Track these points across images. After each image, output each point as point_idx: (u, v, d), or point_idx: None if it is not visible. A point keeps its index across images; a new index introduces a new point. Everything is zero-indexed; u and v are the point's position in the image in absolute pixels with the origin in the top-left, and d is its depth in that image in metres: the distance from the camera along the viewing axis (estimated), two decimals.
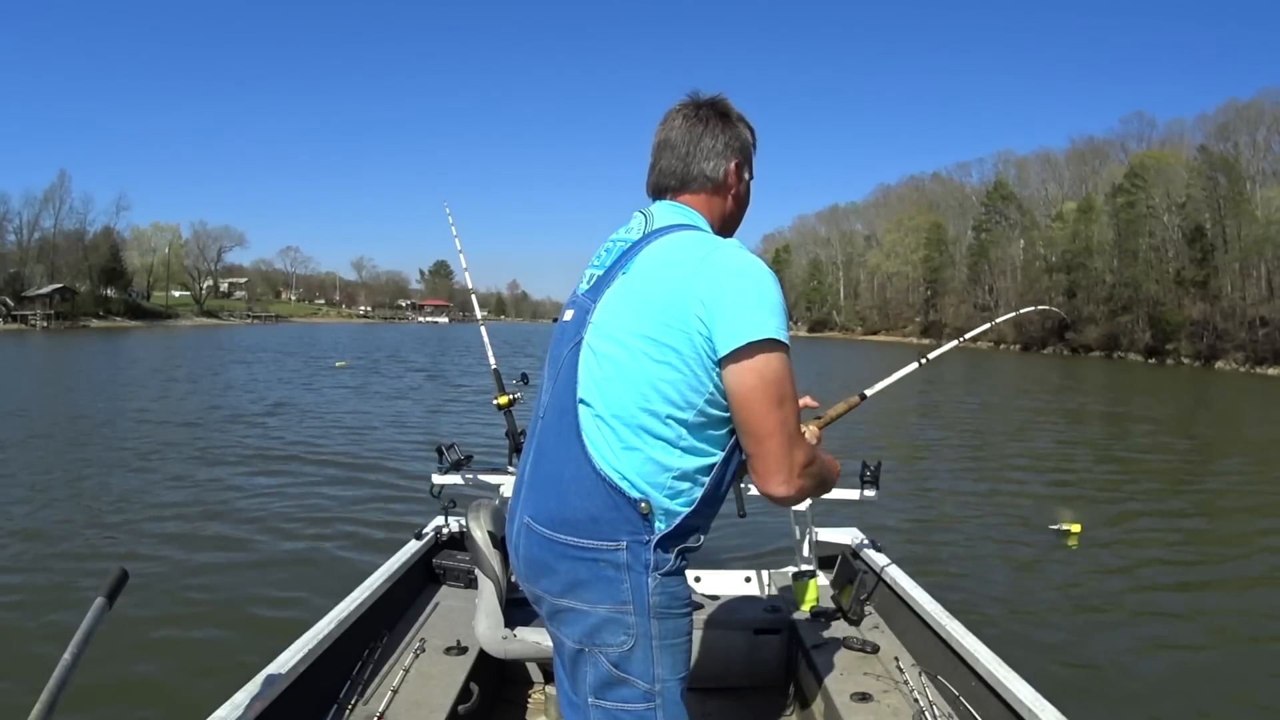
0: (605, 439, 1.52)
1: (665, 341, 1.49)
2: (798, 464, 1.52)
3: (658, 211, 1.68)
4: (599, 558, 1.52)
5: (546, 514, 1.57)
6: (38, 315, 71.05)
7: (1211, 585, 6.84)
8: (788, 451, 1.51)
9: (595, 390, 1.53)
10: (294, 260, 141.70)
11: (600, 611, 1.53)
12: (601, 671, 1.55)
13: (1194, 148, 62.88)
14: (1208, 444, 16.57)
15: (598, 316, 1.57)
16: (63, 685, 1.33)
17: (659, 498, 1.52)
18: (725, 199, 1.71)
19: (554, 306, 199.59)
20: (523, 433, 3.62)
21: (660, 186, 1.71)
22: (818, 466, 1.59)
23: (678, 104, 1.72)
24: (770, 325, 1.47)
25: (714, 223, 1.70)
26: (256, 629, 5.02)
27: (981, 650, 2.56)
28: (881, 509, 6.61)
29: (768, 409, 1.49)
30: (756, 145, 1.77)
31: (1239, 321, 53.95)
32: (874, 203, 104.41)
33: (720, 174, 1.68)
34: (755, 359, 1.47)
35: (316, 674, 2.40)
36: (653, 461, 1.51)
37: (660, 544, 1.53)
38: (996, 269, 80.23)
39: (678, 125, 1.69)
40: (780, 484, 1.52)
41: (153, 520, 7.58)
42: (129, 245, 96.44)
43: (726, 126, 1.69)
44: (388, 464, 10.67)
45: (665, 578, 1.54)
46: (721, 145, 1.68)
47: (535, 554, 1.59)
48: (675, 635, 1.57)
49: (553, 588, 1.58)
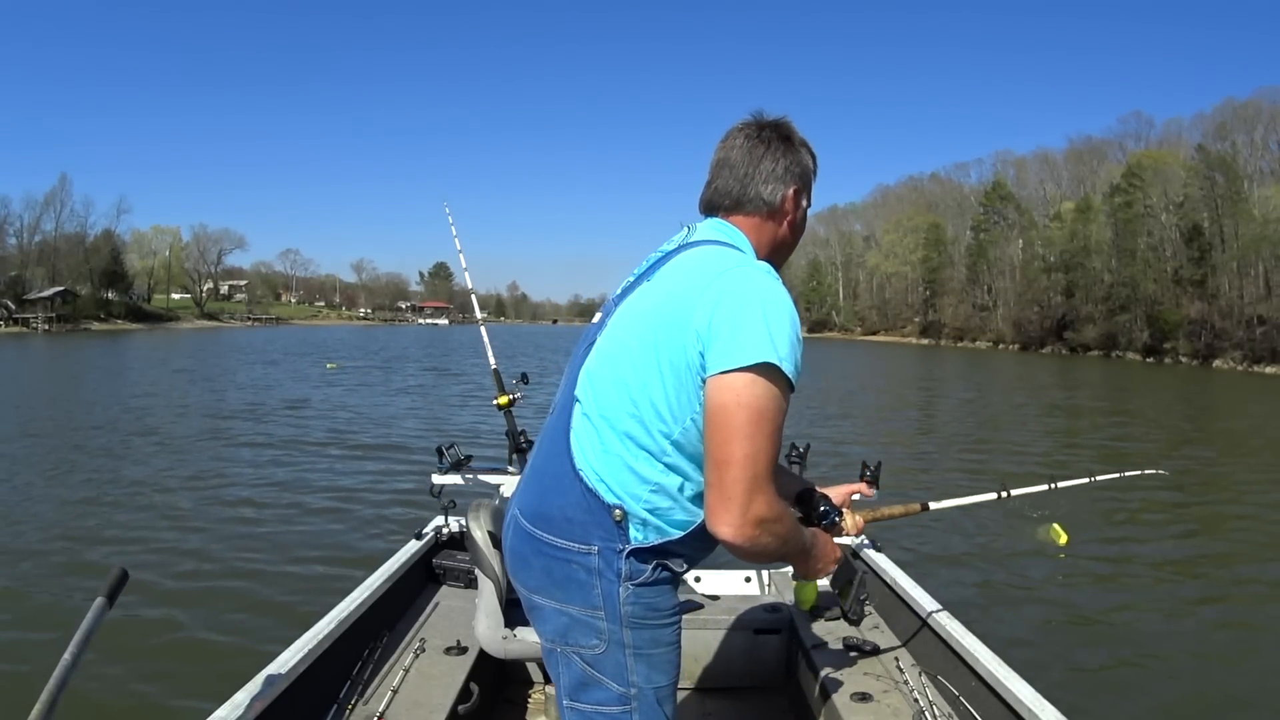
0: (590, 439, 1.50)
1: (661, 352, 1.45)
2: (755, 511, 1.38)
3: (701, 227, 1.64)
4: (571, 559, 1.49)
5: (530, 508, 1.57)
6: (39, 318, 71.15)
7: (1211, 585, 6.84)
8: (746, 491, 1.37)
9: (590, 389, 1.53)
10: (294, 263, 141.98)
11: (572, 612, 1.51)
12: (575, 672, 1.53)
13: (1192, 147, 63.00)
14: (1208, 442, 16.58)
15: (613, 320, 1.58)
16: (63, 685, 1.33)
17: (635, 508, 1.47)
18: (780, 225, 1.65)
19: (553, 308, 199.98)
20: (523, 432, 3.65)
21: (713, 204, 1.66)
22: (784, 529, 1.46)
23: (740, 123, 1.65)
24: (767, 351, 1.37)
25: (761, 247, 1.63)
26: (256, 629, 5.03)
27: (981, 650, 2.55)
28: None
29: (736, 433, 1.37)
30: (817, 173, 1.70)
31: (1236, 320, 53.94)
32: (873, 203, 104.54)
33: (777, 199, 1.62)
34: (739, 379, 1.37)
35: (316, 674, 2.39)
36: (632, 471, 1.46)
37: (635, 555, 1.48)
38: (995, 269, 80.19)
39: (738, 145, 1.62)
40: (727, 525, 1.39)
41: (153, 521, 7.59)
42: (129, 248, 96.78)
43: (788, 150, 1.62)
44: (388, 464, 10.68)
45: (640, 588, 1.49)
46: (781, 169, 1.61)
47: (516, 546, 1.59)
48: (653, 645, 1.52)
49: (528, 582, 1.57)
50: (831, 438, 13.95)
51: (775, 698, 3.20)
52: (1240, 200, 57.79)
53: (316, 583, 5.81)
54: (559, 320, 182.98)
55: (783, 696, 3.19)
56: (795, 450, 3.18)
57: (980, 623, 2.99)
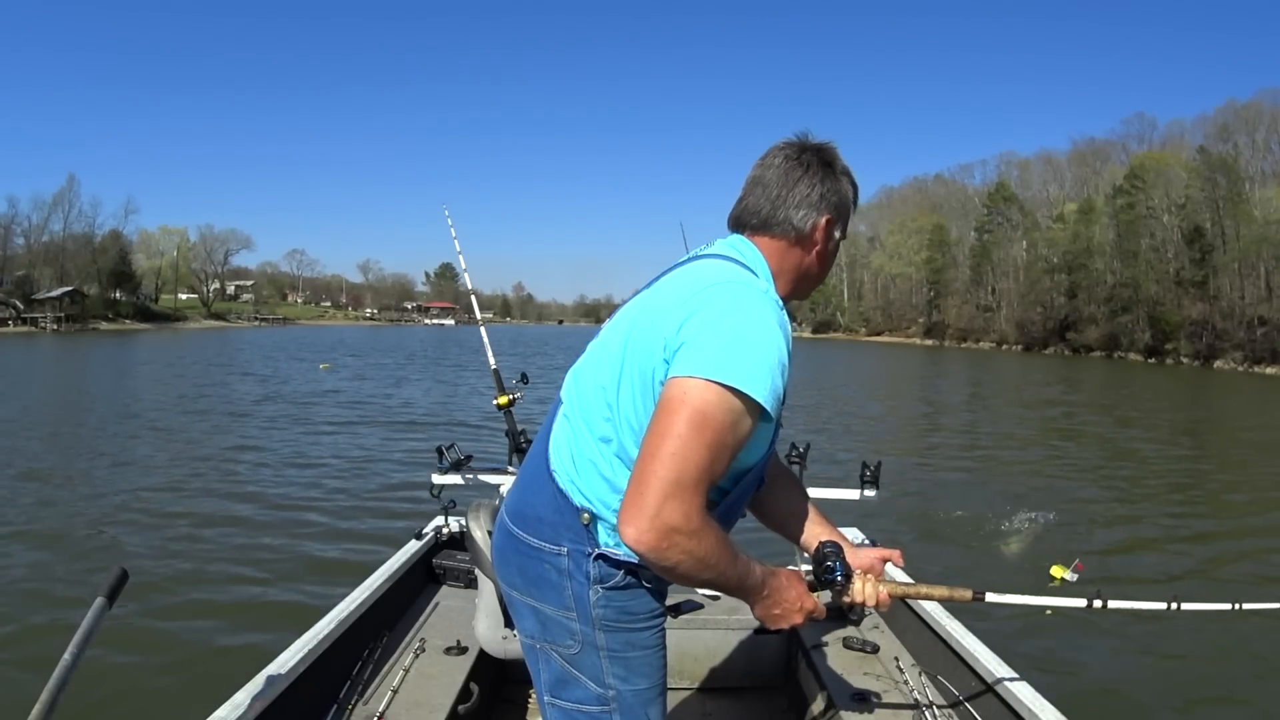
0: (566, 441, 1.50)
1: (634, 357, 1.42)
2: (665, 518, 1.26)
3: (720, 242, 1.58)
4: (543, 558, 1.49)
5: (512, 506, 1.58)
6: (47, 318, 71.30)
7: (1212, 585, 6.81)
8: (660, 491, 1.27)
9: (574, 392, 1.53)
10: (300, 263, 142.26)
11: (547, 611, 1.50)
12: (555, 669, 1.53)
13: (1194, 148, 63.00)
14: (1211, 443, 16.53)
15: (607, 325, 1.58)
16: (63, 685, 1.33)
17: (604, 513, 1.43)
18: (807, 253, 1.57)
19: (559, 309, 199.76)
20: (523, 432, 3.66)
21: (740, 221, 1.58)
22: (702, 550, 1.31)
23: (782, 141, 1.58)
24: (731, 371, 1.29)
25: (783, 273, 1.56)
26: (257, 629, 5.03)
27: (981, 650, 2.55)
28: (881, 509, 6.60)
29: (668, 428, 1.28)
30: (857, 204, 1.63)
31: (1238, 321, 53.95)
32: (877, 204, 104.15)
33: (807, 225, 1.54)
34: (694, 383, 1.30)
35: (316, 674, 2.40)
36: (603, 477, 1.44)
37: (604, 559, 1.45)
38: (999, 270, 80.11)
39: (776, 164, 1.55)
40: (632, 526, 1.28)
41: (153, 520, 7.60)
42: (137, 248, 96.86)
43: (827, 177, 1.55)
44: (389, 464, 10.69)
45: (612, 591, 1.46)
46: (817, 196, 1.53)
47: (499, 543, 1.61)
48: (629, 648, 1.49)
49: (507, 579, 1.58)
50: (831, 435, 14.00)
51: (775, 698, 3.20)
52: (1241, 201, 57.80)
53: (316, 583, 5.82)
54: (564, 321, 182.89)
55: (783, 696, 3.20)
56: (795, 450, 3.17)
57: (980, 623, 2.98)
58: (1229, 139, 60.76)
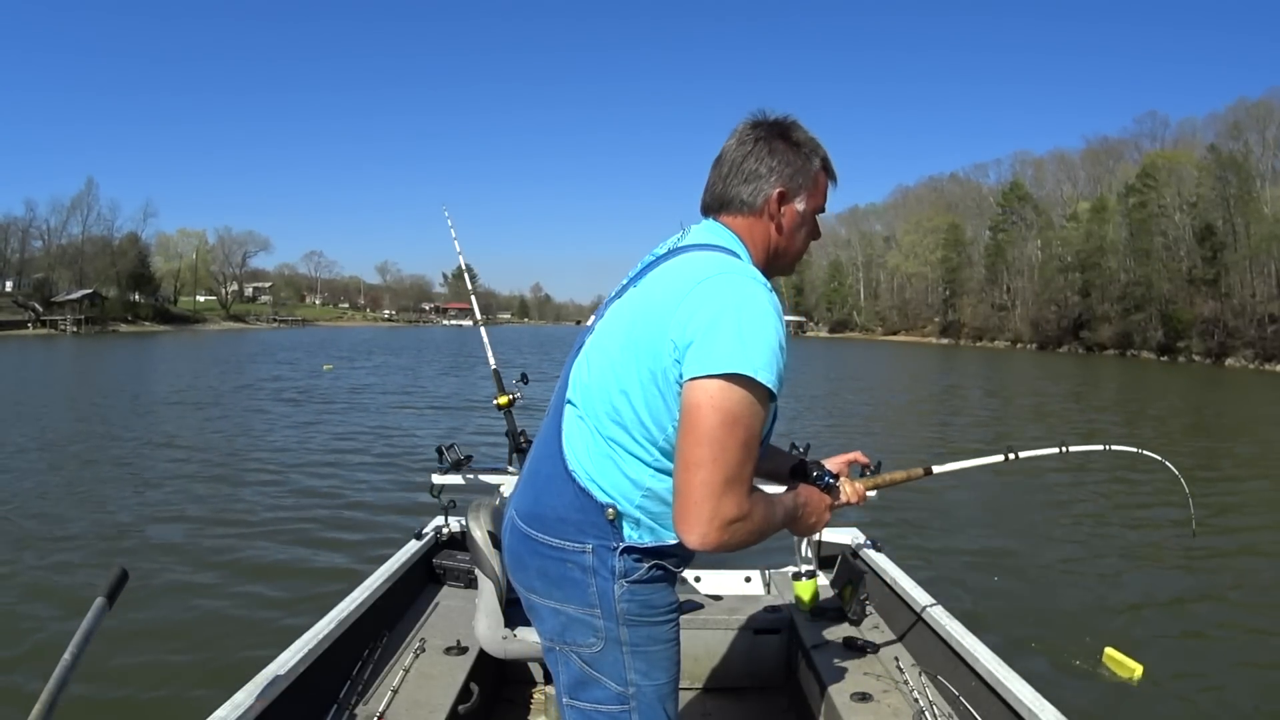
0: (582, 441, 1.51)
1: (640, 358, 1.44)
2: (723, 515, 1.34)
3: (695, 229, 1.60)
4: (565, 558, 1.50)
5: (525, 509, 1.58)
6: (67, 320, 71.87)
7: (1213, 584, 6.77)
8: (714, 495, 1.33)
9: (580, 393, 1.54)
10: (318, 264, 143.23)
11: (569, 611, 1.52)
12: (574, 670, 1.54)
13: (1205, 146, 62.48)
14: (1220, 442, 16.36)
15: (600, 325, 1.58)
16: (63, 685, 1.34)
17: (628, 507, 1.47)
18: (769, 228, 1.57)
19: (577, 309, 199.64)
20: (523, 432, 3.66)
21: (705, 204, 1.62)
22: (758, 520, 1.40)
23: (743, 120, 1.60)
24: (744, 361, 1.34)
25: (758, 251, 1.57)
26: (257, 629, 5.05)
27: (981, 650, 2.54)
28: (882, 509, 6.60)
29: (705, 435, 1.33)
30: (833, 176, 1.62)
31: (1249, 319, 53.58)
32: (893, 204, 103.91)
33: (759, 200, 1.55)
34: (713, 384, 1.34)
35: (316, 674, 2.41)
36: (624, 474, 1.47)
37: (629, 552, 1.48)
38: (1013, 269, 79.68)
39: (729, 144, 1.58)
40: (693, 532, 1.35)
41: (153, 521, 7.65)
42: (155, 251, 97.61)
43: (779, 150, 1.55)
44: (389, 464, 10.75)
45: (635, 585, 1.50)
46: (765, 169, 1.54)
47: (514, 547, 1.61)
48: (650, 642, 1.53)
49: (525, 583, 1.59)
50: (832, 434, 13.96)
51: (775, 698, 3.20)
52: (1252, 199, 57.38)
53: (317, 582, 5.82)
54: (582, 321, 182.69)
55: (783, 696, 3.19)
56: (795, 450, 3.18)
57: (980, 623, 2.97)
58: (1240, 137, 60.25)
